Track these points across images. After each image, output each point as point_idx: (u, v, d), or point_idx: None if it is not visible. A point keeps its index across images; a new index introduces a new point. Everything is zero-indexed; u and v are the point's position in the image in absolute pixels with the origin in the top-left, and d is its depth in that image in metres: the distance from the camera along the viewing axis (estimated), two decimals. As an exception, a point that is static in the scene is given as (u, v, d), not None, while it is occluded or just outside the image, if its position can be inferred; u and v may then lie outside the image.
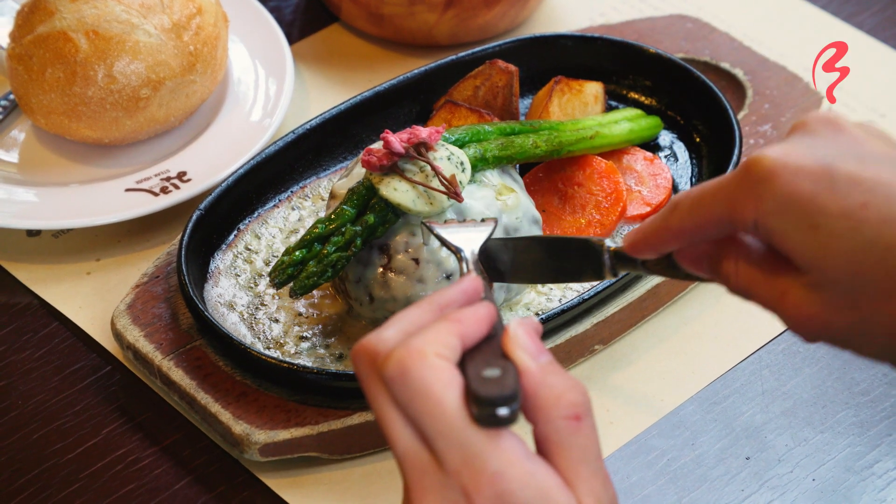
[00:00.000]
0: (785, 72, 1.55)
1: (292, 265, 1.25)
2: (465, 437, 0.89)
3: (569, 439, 0.91)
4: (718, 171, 1.42)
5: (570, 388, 0.92)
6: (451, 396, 0.90)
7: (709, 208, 0.96)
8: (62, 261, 1.43)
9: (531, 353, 0.94)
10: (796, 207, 0.92)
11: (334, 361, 1.28)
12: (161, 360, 1.28)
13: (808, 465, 1.25)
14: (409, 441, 0.91)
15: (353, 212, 1.26)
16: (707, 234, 0.98)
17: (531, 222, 1.32)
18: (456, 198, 1.25)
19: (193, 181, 1.45)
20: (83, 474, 1.26)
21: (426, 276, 1.25)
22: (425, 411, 0.90)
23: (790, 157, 0.93)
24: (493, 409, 0.89)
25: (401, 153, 1.25)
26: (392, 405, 0.91)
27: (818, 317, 0.94)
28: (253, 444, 1.22)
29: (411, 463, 0.90)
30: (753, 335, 1.36)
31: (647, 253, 1.03)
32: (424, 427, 0.90)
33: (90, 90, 1.44)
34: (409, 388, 0.90)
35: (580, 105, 1.47)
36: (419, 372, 0.90)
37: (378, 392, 0.92)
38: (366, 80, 1.62)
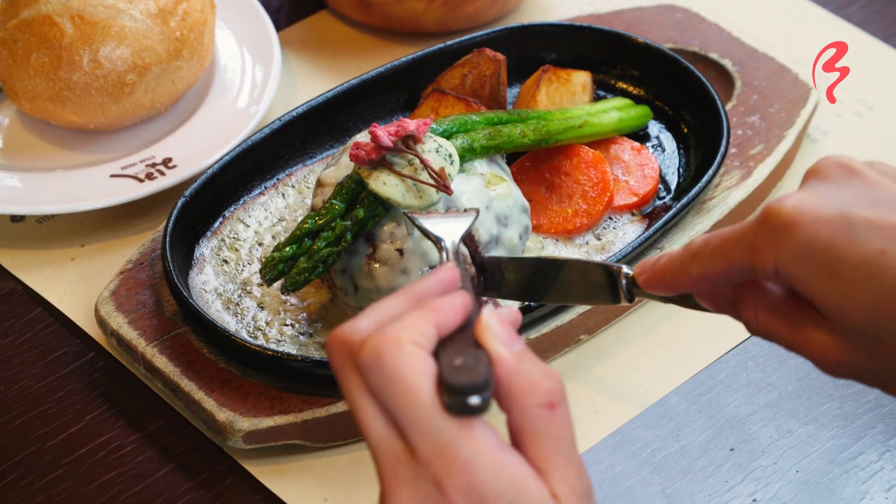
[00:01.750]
0: (774, 63, 1.56)
1: (283, 261, 1.25)
2: (437, 427, 0.88)
3: (543, 428, 0.90)
4: (706, 162, 1.42)
5: (543, 375, 0.91)
6: (424, 385, 0.89)
7: (729, 256, 0.98)
8: (46, 247, 1.44)
9: (504, 342, 0.93)
10: (816, 256, 0.94)
11: (318, 349, 1.28)
12: (145, 346, 1.29)
13: (792, 456, 1.26)
14: (381, 431, 0.90)
15: (343, 206, 1.26)
16: (727, 280, 1.00)
17: (521, 210, 1.32)
18: (445, 190, 1.26)
19: (179, 167, 1.45)
20: (66, 460, 1.26)
21: (410, 267, 1.26)
22: (398, 399, 0.89)
23: (807, 205, 0.95)
24: (465, 398, 0.88)
25: (389, 147, 1.26)
26: (366, 394, 0.91)
27: (844, 361, 0.96)
28: (237, 432, 1.23)
29: (384, 453, 0.90)
30: (739, 327, 1.33)
31: (663, 292, 1.05)
32: (398, 416, 0.89)
33: (75, 75, 1.44)
34: (383, 376, 0.89)
35: (568, 94, 1.47)
36: (394, 359, 0.90)
37: (352, 380, 0.92)
38: (353, 68, 1.62)
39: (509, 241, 1.30)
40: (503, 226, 1.30)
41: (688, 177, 1.44)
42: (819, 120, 1.56)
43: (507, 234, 1.30)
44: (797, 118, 1.50)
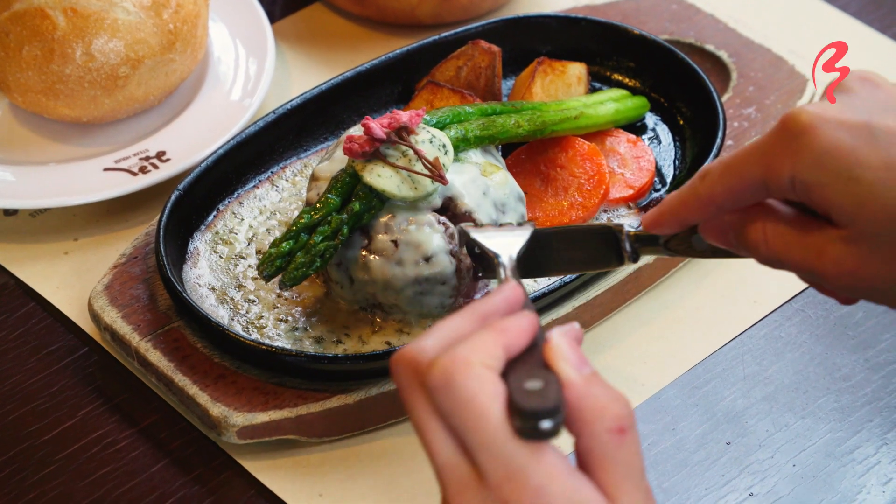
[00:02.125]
0: (770, 54, 1.55)
1: (280, 257, 1.25)
2: (508, 451, 0.87)
3: (612, 453, 0.89)
4: (702, 154, 1.42)
5: (613, 400, 0.90)
6: (495, 408, 0.88)
7: (742, 171, 0.96)
8: (39, 240, 1.43)
9: (574, 365, 0.91)
10: (835, 160, 0.92)
11: (313, 344, 1.28)
12: (139, 341, 1.28)
13: (789, 450, 1.25)
14: (449, 453, 0.89)
15: (338, 200, 1.26)
16: (739, 199, 0.98)
17: (517, 199, 1.32)
18: (440, 181, 1.25)
19: (172, 161, 1.44)
20: (59, 456, 1.25)
21: (405, 259, 1.25)
22: (469, 422, 0.88)
23: (828, 112, 0.94)
24: (536, 422, 0.87)
25: (382, 139, 1.25)
26: (433, 415, 0.89)
27: (859, 271, 0.94)
28: (231, 427, 1.22)
29: (451, 475, 0.88)
30: (735, 320, 1.36)
31: (673, 227, 1.03)
32: (467, 439, 0.88)
33: (68, 68, 1.43)
34: (453, 398, 0.88)
35: (563, 86, 1.46)
36: (464, 382, 0.88)
37: (419, 401, 0.90)
38: (348, 60, 1.61)
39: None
40: (501, 212, 1.30)
41: (684, 169, 1.44)
42: (815, 111, 1.55)
43: (505, 221, 1.30)
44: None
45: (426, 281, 1.26)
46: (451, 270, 1.26)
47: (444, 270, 1.25)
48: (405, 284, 1.26)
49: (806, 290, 1.38)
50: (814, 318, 1.36)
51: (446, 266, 1.25)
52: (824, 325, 1.35)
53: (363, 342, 1.28)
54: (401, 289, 1.26)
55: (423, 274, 1.25)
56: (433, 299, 1.27)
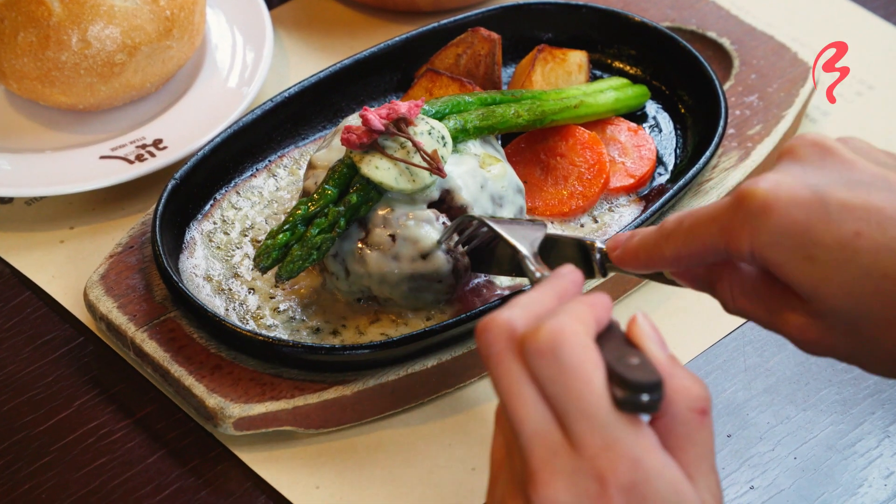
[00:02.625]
0: (772, 42, 1.54)
1: (276, 249, 1.23)
2: (608, 421, 0.88)
3: (694, 434, 0.90)
4: (704, 143, 1.40)
5: (695, 381, 0.92)
6: (598, 377, 0.89)
7: (703, 238, 0.98)
8: (35, 229, 1.42)
9: (658, 344, 0.94)
10: (792, 239, 0.93)
11: (311, 334, 1.27)
12: (134, 331, 1.27)
13: (790, 443, 1.24)
14: (540, 420, 0.89)
15: (336, 191, 1.25)
16: (701, 261, 1.00)
17: (515, 191, 1.31)
18: (438, 173, 1.24)
19: (169, 149, 1.43)
20: (54, 447, 1.24)
21: (401, 254, 1.24)
22: (572, 390, 0.88)
23: (782, 187, 0.94)
24: (638, 395, 0.89)
25: (380, 130, 1.24)
26: (528, 382, 0.90)
27: (821, 341, 0.96)
28: (227, 418, 1.21)
29: (541, 443, 0.89)
30: (737, 310, 1.34)
31: (636, 269, 1.05)
32: (566, 406, 0.88)
33: (64, 55, 1.42)
34: (559, 365, 0.89)
35: (563, 74, 1.45)
36: (571, 349, 0.89)
37: (511, 366, 0.90)
38: (346, 47, 1.60)
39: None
40: (498, 206, 1.29)
41: (685, 158, 1.42)
42: (818, 99, 1.54)
43: (502, 215, 1.29)
44: (796, 98, 1.48)
45: (422, 277, 1.24)
46: (448, 268, 1.25)
47: (440, 268, 1.24)
48: (401, 279, 1.24)
49: (808, 281, 1.36)
50: (816, 309, 1.34)
51: (443, 264, 1.24)
52: (826, 315, 1.34)
53: (360, 333, 1.27)
54: (396, 283, 1.25)
55: (419, 270, 1.24)
56: (428, 295, 1.26)
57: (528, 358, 0.90)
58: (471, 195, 1.27)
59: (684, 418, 0.91)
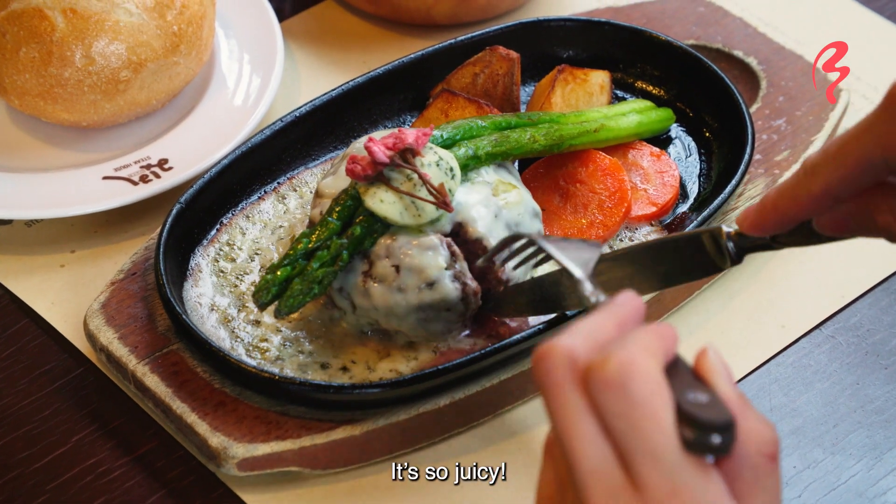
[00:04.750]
0: (801, 61, 1.48)
1: (276, 284, 1.18)
2: (677, 464, 0.82)
3: (763, 479, 0.85)
4: (729, 170, 1.35)
5: (766, 424, 0.86)
6: (668, 416, 0.83)
7: (858, 155, 0.90)
8: (34, 252, 1.37)
9: (729, 382, 0.87)
10: None
11: (319, 370, 1.22)
12: (135, 364, 1.22)
13: (818, 489, 1.19)
14: (601, 457, 0.83)
15: (339, 224, 1.20)
16: (858, 186, 0.92)
17: (532, 216, 1.26)
18: (445, 207, 1.19)
19: (175, 170, 1.38)
20: (50, 486, 1.19)
21: (407, 285, 1.19)
22: (640, 428, 0.82)
23: None
24: (710, 436, 0.83)
25: (385, 163, 1.19)
26: (588, 415, 0.84)
27: None
28: (230, 458, 1.16)
29: (601, 482, 0.83)
30: (762, 345, 1.29)
31: (780, 228, 0.98)
32: (631, 445, 0.83)
33: (67, 71, 1.37)
34: (628, 400, 0.83)
35: (584, 95, 1.40)
36: (643, 383, 0.83)
37: (572, 398, 0.84)
38: (360, 62, 1.55)
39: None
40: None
41: (709, 185, 1.37)
42: (849, 122, 1.48)
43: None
44: (826, 122, 1.42)
45: (430, 307, 1.19)
46: (456, 296, 1.19)
47: (447, 296, 1.19)
48: (408, 311, 1.19)
49: (837, 315, 1.31)
50: (845, 346, 1.29)
51: (450, 292, 1.19)
52: (856, 353, 1.29)
53: (370, 369, 1.22)
54: (404, 316, 1.20)
55: (426, 300, 1.19)
56: (438, 325, 1.21)
57: (592, 389, 0.84)
58: (485, 226, 1.22)
59: (754, 463, 0.85)
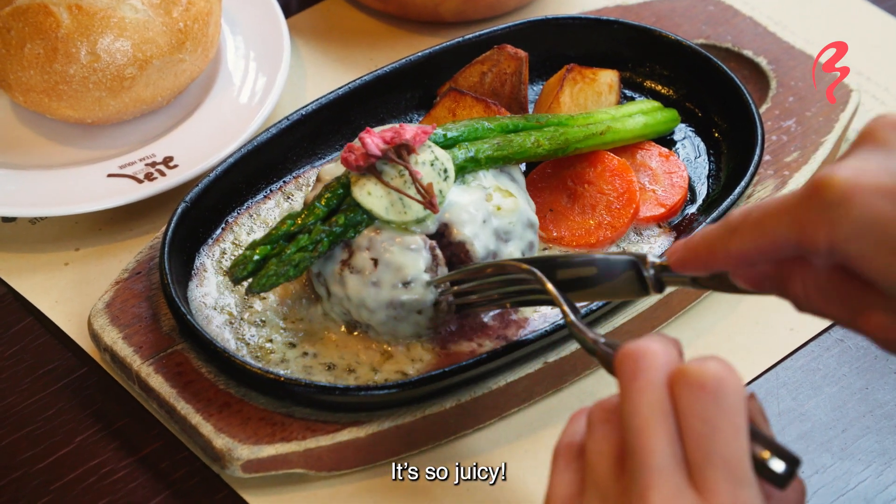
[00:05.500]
0: (811, 61, 1.47)
1: (253, 261, 1.18)
2: (746, 477, 0.86)
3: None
4: (738, 170, 1.34)
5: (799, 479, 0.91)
6: (746, 432, 0.87)
7: (773, 232, 0.91)
8: (39, 249, 1.36)
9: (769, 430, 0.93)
10: (877, 231, 0.87)
11: (324, 371, 1.21)
12: (140, 364, 1.21)
13: (826, 495, 1.18)
14: (669, 456, 0.86)
15: (325, 210, 1.19)
16: (770, 257, 0.93)
17: (525, 226, 1.24)
18: (431, 208, 1.18)
19: (180, 167, 1.37)
20: (54, 486, 1.19)
21: (382, 280, 1.18)
22: (722, 433, 0.86)
23: (864, 175, 0.88)
24: (778, 461, 0.87)
25: (377, 156, 1.18)
26: (670, 414, 0.87)
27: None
28: (235, 460, 1.15)
29: (666, 480, 0.86)
30: (770, 349, 1.29)
31: (698, 271, 0.99)
32: (708, 448, 0.86)
33: (72, 68, 1.36)
34: (718, 405, 0.86)
35: (593, 95, 1.39)
36: (734, 394, 0.87)
37: (660, 395, 0.88)
38: (366, 59, 1.54)
39: (509, 256, 1.23)
40: (502, 241, 1.23)
41: (718, 186, 1.36)
42: (860, 123, 1.47)
43: (507, 250, 1.23)
44: (836, 123, 1.41)
45: (401, 306, 1.19)
46: (430, 301, 1.19)
47: (421, 299, 1.19)
48: (378, 306, 1.19)
49: (846, 319, 1.30)
50: (854, 350, 1.29)
51: (424, 295, 1.19)
52: (865, 357, 1.28)
53: (375, 370, 1.21)
54: (374, 310, 1.19)
55: (399, 298, 1.18)
56: (407, 327, 1.20)
57: (682, 391, 0.87)
58: (472, 231, 1.21)
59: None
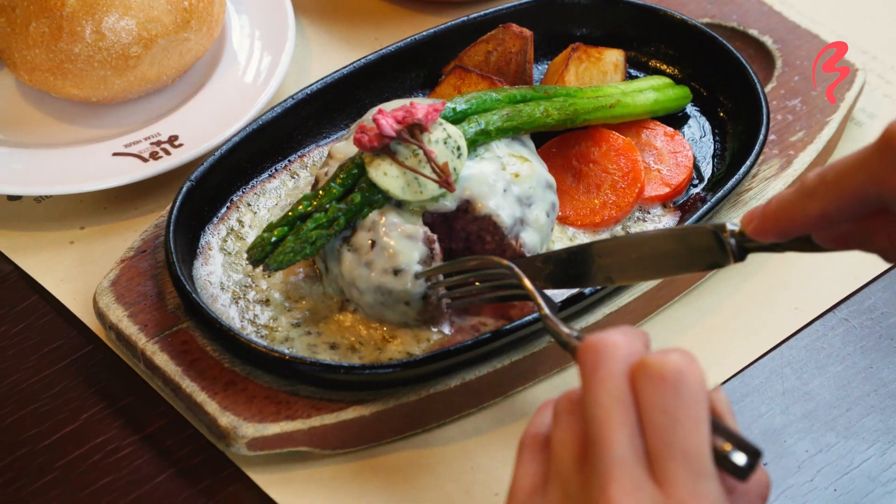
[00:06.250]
0: (817, 40, 1.47)
1: (271, 243, 1.18)
2: (707, 469, 0.85)
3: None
4: (743, 151, 1.34)
5: (763, 469, 0.91)
6: (707, 424, 0.87)
7: (852, 188, 0.92)
8: (44, 228, 1.36)
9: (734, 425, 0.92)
10: None
11: (328, 350, 1.21)
12: (145, 342, 1.22)
13: (830, 473, 1.19)
14: (631, 448, 0.86)
15: (341, 190, 1.20)
16: (850, 215, 0.94)
17: (545, 188, 1.25)
18: (447, 187, 1.19)
19: (185, 146, 1.37)
20: (59, 463, 1.19)
21: (374, 263, 1.19)
22: (681, 426, 0.86)
23: None
24: (740, 454, 0.87)
25: (392, 136, 1.18)
26: (632, 406, 0.87)
27: None
28: (240, 438, 1.16)
29: (627, 473, 0.86)
30: (775, 328, 1.29)
31: (779, 237, 0.99)
32: (668, 440, 0.86)
33: (77, 47, 1.36)
34: (678, 397, 0.86)
35: (599, 74, 1.39)
36: (696, 386, 0.87)
37: (622, 389, 0.87)
38: (371, 39, 1.54)
39: (535, 221, 1.23)
40: (526, 206, 1.23)
41: (723, 166, 1.36)
42: (865, 101, 1.47)
43: (533, 214, 1.23)
44: (842, 102, 1.41)
45: (389, 294, 1.19)
46: (418, 293, 1.19)
47: (408, 290, 1.19)
48: (367, 289, 1.19)
49: (851, 298, 1.31)
50: (859, 329, 1.29)
51: (413, 286, 1.19)
52: (870, 336, 1.28)
53: (379, 349, 1.21)
54: (363, 291, 1.20)
55: (387, 285, 1.19)
56: (394, 315, 1.21)
57: (642, 383, 0.87)
58: (495, 203, 1.21)
59: (751, 499, 0.90)
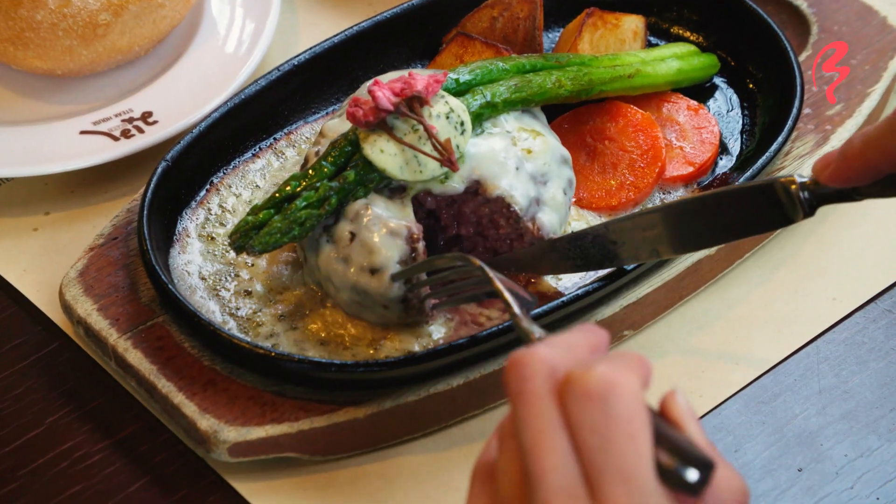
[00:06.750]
0: (857, 3, 1.48)
1: (255, 227, 1.19)
2: (650, 490, 0.84)
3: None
4: (775, 126, 1.35)
5: (737, 474, 0.90)
6: (646, 438, 0.85)
7: None
8: (5, 214, 1.37)
9: (698, 430, 0.90)
10: None
11: (316, 346, 1.22)
12: (116, 338, 1.22)
13: (872, 480, 1.19)
14: (567, 474, 0.85)
15: (332, 169, 1.20)
16: None
17: (560, 163, 1.25)
18: (450, 166, 1.19)
19: (160, 123, 1.39)
20: (22, 471, 1.20)
21: (351, 259, 1.19)
22: (615, 444, 0.84)
23: None
24: (688, 469, 0.85)
25: (389, 110, 1.18)
26: (561, 428, 0.85)
27: None
28: (221, 443, 1.16)
29: (561, 498, 0.84)
30: (810, 320, 1.29)
31: (864, 177, 1.00)
32: (603, 462, 0.84)
33: (39, 14, 1.37)
34: (607, 414, 0.84)
35: (616, 42, 1.39)
36: (626, 399, 0.85)
37: (546, 408, 0.86)
38: (364, 5, 1.55)
39: (552, 199, 1.24)
40: (541, 184, 1.24)
41: (753, 142, 1.37)
42: (908, 72, 1.48)
43: (549, 193, 1.24)
44: (884, 71, 1.42)
45: (365, 294, 1.19)
46: (396, 296, 1.19)
47: (385, 292, 1.19)
48: (343, 286, 1.20)
49: (895, 287, 1.31)
50: (903, 322, 1.30)
51: (389, 289, 1.19)
52: (915, 329, 1.29)
53: (374, 346, 1.22)
54: (339, 287, 1.20)
55: (362, 285, 1.19)
56: (371, 315, 1.21)
57: (569, 401, 0.85)
58: (508, 182, 1.22)
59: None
